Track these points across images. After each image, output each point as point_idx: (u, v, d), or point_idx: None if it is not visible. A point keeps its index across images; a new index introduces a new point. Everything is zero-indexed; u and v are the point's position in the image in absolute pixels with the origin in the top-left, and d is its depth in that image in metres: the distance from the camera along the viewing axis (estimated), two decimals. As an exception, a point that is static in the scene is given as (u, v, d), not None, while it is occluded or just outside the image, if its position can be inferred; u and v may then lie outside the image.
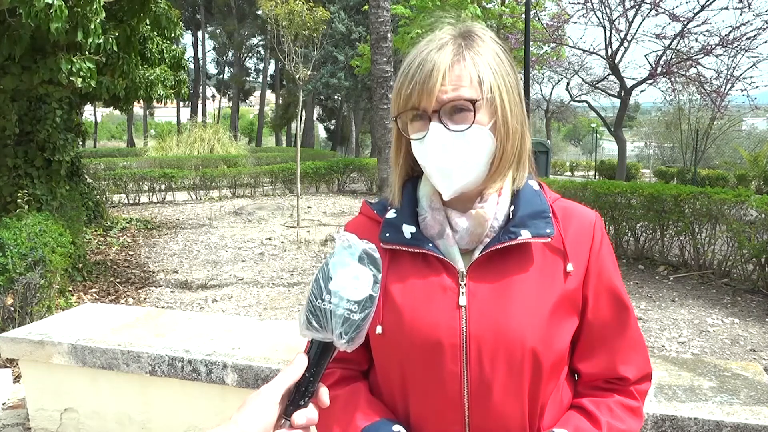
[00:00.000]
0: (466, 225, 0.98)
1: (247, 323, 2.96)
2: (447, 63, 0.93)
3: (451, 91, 0.92)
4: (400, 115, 0.98)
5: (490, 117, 0.95)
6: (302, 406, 0.79)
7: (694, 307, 5.48)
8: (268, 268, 7.12)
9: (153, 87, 9.25)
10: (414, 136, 0.97)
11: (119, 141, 52.60)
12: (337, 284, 0.79)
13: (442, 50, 0.94)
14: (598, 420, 0.97)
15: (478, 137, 0.94)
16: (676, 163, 25.08)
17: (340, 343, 0.79)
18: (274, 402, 0.76)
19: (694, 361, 2.46)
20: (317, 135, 42.37)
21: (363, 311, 0.79)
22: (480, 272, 0.96)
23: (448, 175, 0.95)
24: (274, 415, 0.76)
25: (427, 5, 12.05)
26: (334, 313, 0.79)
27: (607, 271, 1.01)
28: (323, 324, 0.79)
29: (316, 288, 0.80)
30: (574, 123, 49.19)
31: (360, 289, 0.80)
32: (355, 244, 0.82)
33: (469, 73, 0.93)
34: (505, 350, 0.92)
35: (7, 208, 6.00)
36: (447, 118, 0.93)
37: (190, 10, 34.79)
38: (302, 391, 0.79)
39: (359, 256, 0.81)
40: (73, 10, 4.75)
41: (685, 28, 11.62)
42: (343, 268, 0.80)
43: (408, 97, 0.95)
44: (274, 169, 15.41)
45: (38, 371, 2.78)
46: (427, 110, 0.93)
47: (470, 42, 0.96)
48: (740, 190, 6.68)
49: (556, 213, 1.00)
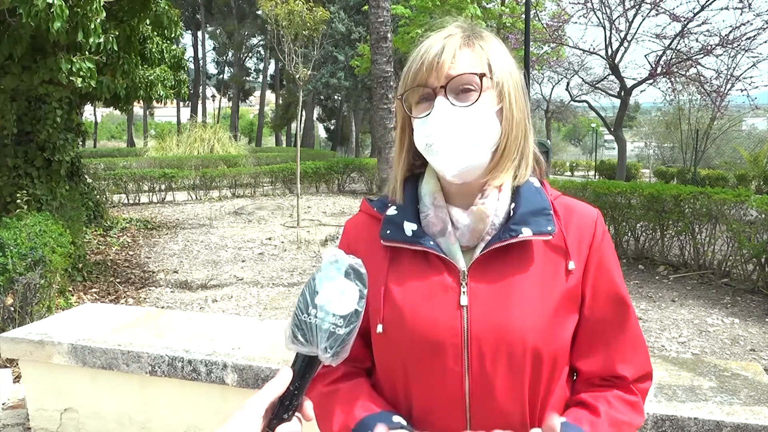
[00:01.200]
0: (467, 221, 0.98)
1: (247, 323, 2.96)
2: (457, 44, 0.95)
3: (459, 68, 0.93)
4: (406, 95, 0.98)
5: (497, 101, 0.96)
6: (286, 420, 0.79)
7: (694, 307, 5.48)
8: (268, 268, 7.12)
9: (153, 87, 9.24)
10: (419, 115, 0.97)
11: (119, 141, 52.63)
12: (323, 299, 0.80)
13: (451, 37, 0.96)
14: (596, 409, 0.97)
15: (483, 116, 0.94)
16: (676, 163, 25.07)
17: (325, 357, 0.80)
18: (257, 415, 0.76)
19: (694, 361, 2.46)
20: (317, 135, 42.37)
21: (348, 326, 0.80)
22: (481, 271, 0.96)
23: (451, 151, 0.94)
24: (257, 428, 0.76)
25: (427, 5, 12.06)
26: (320, 327, 0.79)
27: (607, 268, 1.00)
28: (308, 338, 0.79)
29: (302, 302, 0.81)
30: (574, 123, 49.19)
31: (346, 304, 0.80)
32: (341, 259, 0.83)
33: (479, 56, 0.96)
34: (507, 350, 0.92)
35: (7, 208, 6.00)
36: (453, 95, 0.94)
37: (190, 10, 34.79)
38: (286, 404, 0.79)
39: (346, 271, 0.82)
40: (73, 10, 4.75)
41: (685, 28, 11.61)
42: (329, 282, 0.81)
43: (416, 74, 0.96)
44: (274, 169, 15.41)
45: (38, 371, 2.78)
46: (434, 86, 0.94)
47: (478, 35, 0.99)
48: (740, 190, 6.68)
49: (557, 210, 1.00)
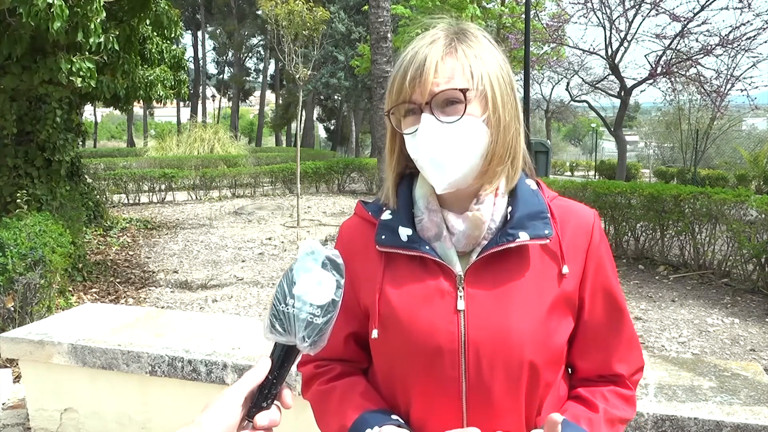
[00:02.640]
0: (463, 227, 0.97)
1: (247, 323, 2.96)
2: (439, 56, 0.93)
3: (443, 83, 0.92)
4: (392, 110, 0.98)
5: (483, 109, 0.94)
6: (265, 408, 0.81)
7: (694, 307, 5.48)
8: (268, 268, 7.12)
9: (153, 87, 9.24)
10: (407, 131, 0.96)
11: (119, 141, 52.59)
12: (300, 289, 0.81)
13: (434, 44, 0.94)
14: (594, 405, 0.98)
15: (470, 128, 0.93)
16: (676, 163, 25.07)
17: (303, 346, 0.81)
18: (237, 404, 0.78)
19: (694, 361, 2.46)
20: (317, 135, 42.36)
21: (326, 315, 0.81)
22: (478, 276, 0.95)
23: (440, 167, 0.93)
24: (237, 416, 0.78)
25: (427, 5, 12.06)
26: (297, 317, 0.81)
27: (604, 273, 1.00)
28: (287, 327, 0.81)
29: (280, 293, 0.82)
30: (574, 123, 49.16)
31: (323, 294, 0.82)
32: (318, 250, 0.84)
33: (461, 65, 0.93)
34: (504, 355, 0.92)
35: (7, 208, 6.00)
36: (439, 110, 0.93)
37: (190, 10, 34.78)
38: (265, 393, 0.81)
39: (322, 262, 0.83)
40: (73, 10, 4.75)
41: (685, 28, 11.60)
42: (306, 273, 0.82)
43: (399, 91, 0.94)
44: (274, 169, 15.41)
45: (38, 371, 2.78)
46: (418, 103, 0.93)
47: (462, 37, 0.96)
48: (740, 190, 6.68)
49: (554, 212, 1.00)
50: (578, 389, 1.02)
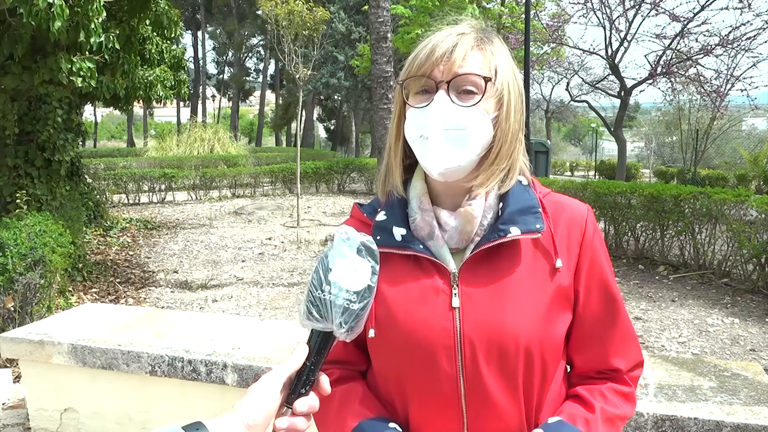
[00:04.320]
0: (455, 223, 0.98)
1: (247, 323, 2.96)
2: (469, 45, 0.95)
3: (468, 68, 0.94)
4: (407, 82, 0.98)
5: (495, 108, 0.96)
6: (303, 394, 0.81)
7: (694, 307, 5.48)
8: (268, 268, 7.12)
9: (153, 87, 9.25)
10: (417, 104, 0.97)
11: (119, 141, 52.62)
12: (336, 275, 0.82)
13: (464, 36, 0.96)
14: (591, 405, 0.98)
15: (479, 120, 0.94)
16: (676, 163, 25.07)
17: (340, 332, 0.82)
18: (275, 390, 0.79)
19: (694, 361, 2.46)
20: (317, 135, 42.36)
21: (362, 301, 0.82)
22: (471, 272, 0.96)
23: (442, 148, 0.93)
24: (275, 402, 0.79)
25: (427, 5, 12.06)
26: (334, 303, 0.81)
27: (599, 265, 1.01)
28: (323, 314, 0.81)
29: (316, 279, 0.83)
30: (574, 123, 49.14)
31: (359, 280, 0.83)
32: (353, 236, 0.85)
33: (488, 61, 0.96)
34: (499, 350, 0.92)
35: (7, 208, 6.00)
36: (455, 93, 0.94)
37: (190, 10, 34.78)
38: (303, 379, 0.81)
39: (357, 248, 0.84)
40: (73, 10, 4.75)
41: (685, 28, 11.61)
42: (342, 259, 0.83)
43: (422, 64, 0.95)
44: (274, 169, 15.41)
45: (38, 371, 2.78)
46: (438, 79, 0.94)
47: (490, 38, 0.99)
48: (740, 190, 6.68)
49: (545, 207, 1.00)
50: (576, 388, 1.02)
